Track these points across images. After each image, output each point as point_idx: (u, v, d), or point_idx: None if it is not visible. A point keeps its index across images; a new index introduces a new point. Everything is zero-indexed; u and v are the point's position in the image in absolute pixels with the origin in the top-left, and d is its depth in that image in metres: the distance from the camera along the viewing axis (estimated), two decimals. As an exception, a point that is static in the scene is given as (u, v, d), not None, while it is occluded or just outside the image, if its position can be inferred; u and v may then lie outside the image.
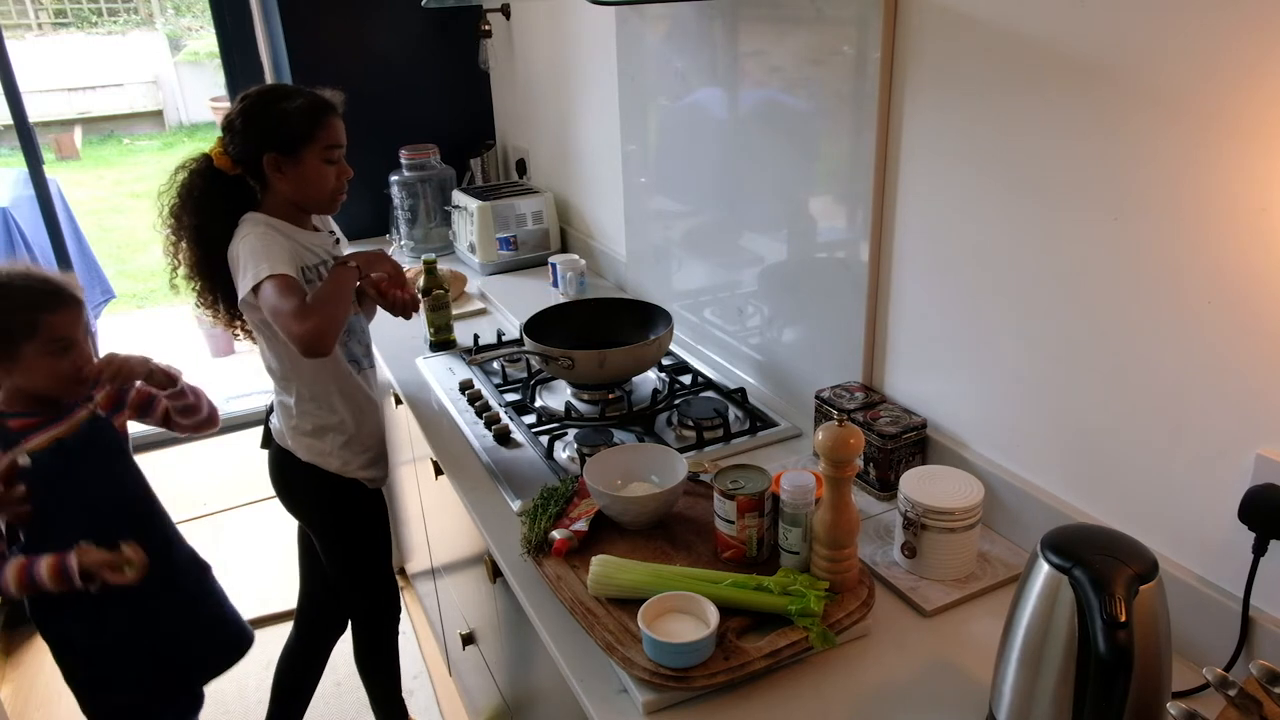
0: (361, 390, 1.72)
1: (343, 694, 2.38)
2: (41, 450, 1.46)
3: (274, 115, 1.53)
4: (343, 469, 1.72)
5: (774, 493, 1.16)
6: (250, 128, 1.53)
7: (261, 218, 1.56)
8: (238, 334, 1.73)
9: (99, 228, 7.45)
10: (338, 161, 1.58)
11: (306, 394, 1.66)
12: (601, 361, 1.61)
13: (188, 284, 1.65)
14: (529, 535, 1.26)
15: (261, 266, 1.45)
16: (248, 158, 1.55)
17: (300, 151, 1.53)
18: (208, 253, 1.59)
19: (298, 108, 1.53)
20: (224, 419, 3.95)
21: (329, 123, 1.55)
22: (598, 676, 1.07)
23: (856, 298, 1.46)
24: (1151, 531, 1.07)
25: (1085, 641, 0.80)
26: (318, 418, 1.67)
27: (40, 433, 1.48)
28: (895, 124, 1.32)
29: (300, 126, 1.52)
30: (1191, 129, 0.94)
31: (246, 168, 1.57)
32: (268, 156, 1.53)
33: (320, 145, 1.54)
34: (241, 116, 1.54)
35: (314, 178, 1.56)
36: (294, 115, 1.52)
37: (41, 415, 1.49)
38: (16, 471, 1.42)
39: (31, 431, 1.47)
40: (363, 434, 1.74)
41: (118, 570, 1.45)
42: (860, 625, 1.09)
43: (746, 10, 1.59)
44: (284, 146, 1.53)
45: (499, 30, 2.78)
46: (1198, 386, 1.00)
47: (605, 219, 2.41)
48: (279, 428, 1.72)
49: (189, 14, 11.32)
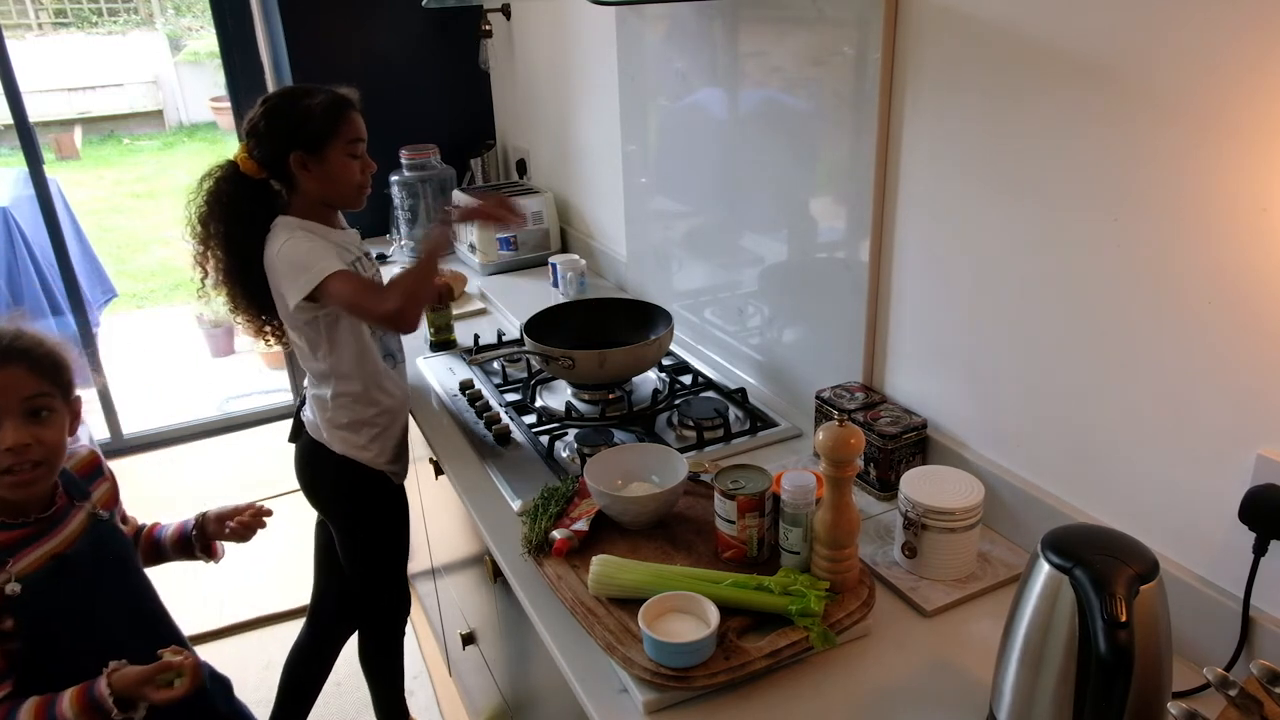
0: (395, 383, 1.74)
1: (343, 694, 2.38)
2: (36, 571, 1.16)
3: (297, 113, 1.55)
4: (374, 461, 1.73)
5: (774, 493, 1.16)
6: (275, 128, 1.55)
7: (295, 221, 1.58)
8: (269, 340, 1.75)
9: (99, 228, 7.44)
10: (361, 156, 1.60)
11: (345, 389, 1.67)
12: (601, 361, 1.61)
13: (216, 292, 1.66)
14: (529, 535, 1.26)
15: (315, 270, 1.48)
16: (274, 159, 1.57)
17: (325, 148, 1.55)
18: (238, 259, 1.61)
19: (319, 104, 1.55)
20: (224, 419, 3.97)
21: (350, 117, 1.58)
22: (598, 676, 1.07)
23: (856, 298, 1.46)
24: (1151, 531, 1.07)
25: (1086, 641, 0.80)
26: (354, 411, 1.68)
27: (31, 548, 1.16)
28: (895, 124, 1.32)
29: (323, 123, 1.54)
30: (1191, 129, 0.94)
31: (273, 170, 1.59)
32: (294, 155, 1.54)
33: (344, 140, 1.56)
34: (266, 118, 1.56)
35: (340, 173, 1.58)
36: (317, 112, 1.54)
37: (31, 525, 1.17)
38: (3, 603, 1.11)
39: (19, 547, 1.15)
40: (394, 428, 1.75)
41: (165, 686, 1.15)
42: (860, 625, 1.09)
43: (746, 10, 1.59)
44: (309, 144, 1.54)
45: (499, 30, 2.78)
46: (1198, 386, 1.00)
47: (605, 219, 2.41)
48: (313, 420, 1.73)
49: (189, 14, 11.32)
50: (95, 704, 1.12)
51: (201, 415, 3.82)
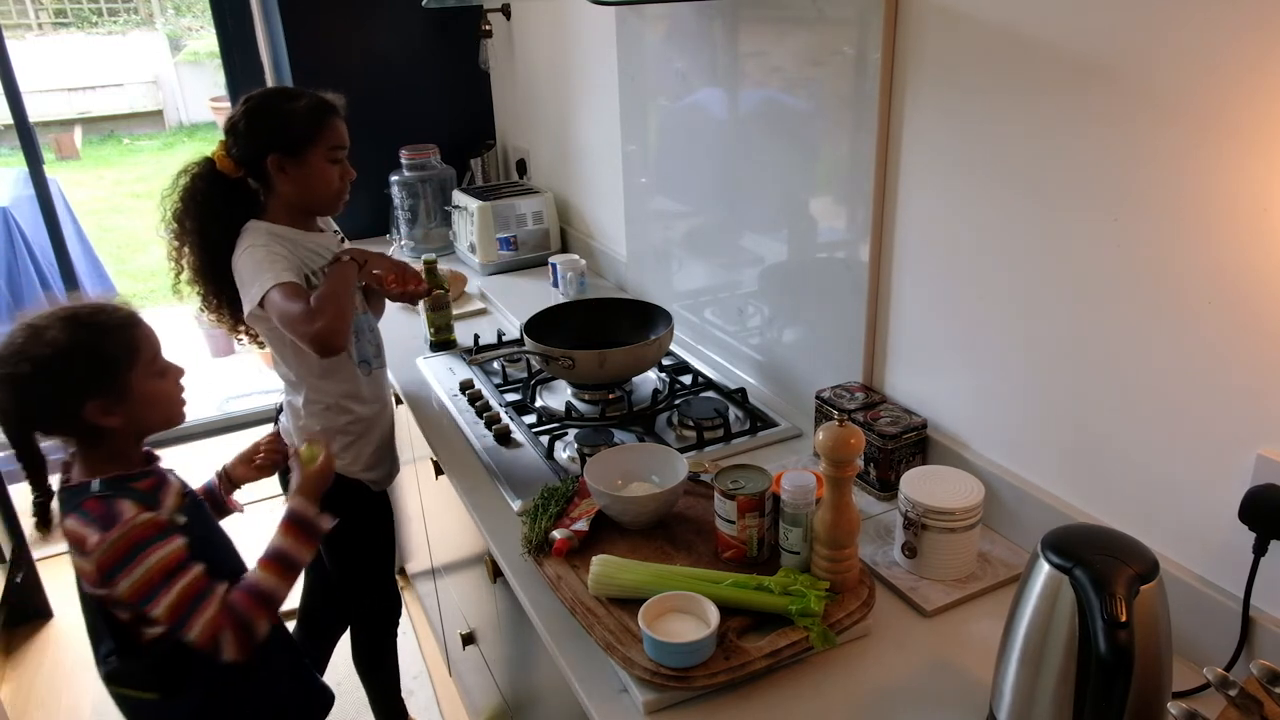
0: (371, 391, 1.72)
1: (342, 694, 2.37)
2: (180, 509, 1.29)
3: (279, 115, 1.53)
4: (348, 470, 1.71)
5: (774, 493, 1.16)
6: (255, 128, 1.53)
7: (263, 226, 1.56)
8: (241, 338, 1.72)
9: (99, 228, 7.43)
10: (341, 162, 1.58)
11: (316, 396, 1.66)
12: (601, 361, 1.61)
13: (190, 288, 1.64)
14: (529, 535, 1.26)
15: (265, 278, 1.46)
16: (251, 159, 1.54)
17: (304, 152, 1.53)
18: (212, 257, 1.58)
19: (302, 108, 1.53)
20: (224, 419, 3.96)
21: (332, 123, 1.56)
22: (598, 676, 1.07)
23: (856, 298, 1.46)
24: (1151, 531, 1.07)
25: (1086, 641, 0.80)
26: (327, 419, 1.67)
27: (164, 492, 1.29)
28: (895, 124, 1.32)
29: (304, 127, 1.52)
30: (1191, 129, 0.94)
31: (250, 170, 1.56)
32: (272, 157, 1.52)
33: (324, 145, 1.54)
34: (246, 117, 1.54)
35: (318, 178, 1.56)
36: (298, 115, 1.52)
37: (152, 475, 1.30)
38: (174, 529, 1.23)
39: (156, 491, 1.27)
40: (371, 436, 1.73)
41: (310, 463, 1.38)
42: (860, 625, 1.09)
43: (746, 10, 1.59)
44: (288, 147, 1.53)
45: (499, 30, 2.79)
46: (1198, 386, 1.00)
47: (605, 219, 2.41)
48: (287, 427, 1.72)
49: (189, 14, 11.32)
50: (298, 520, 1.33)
51: (201, 415, 3.82)
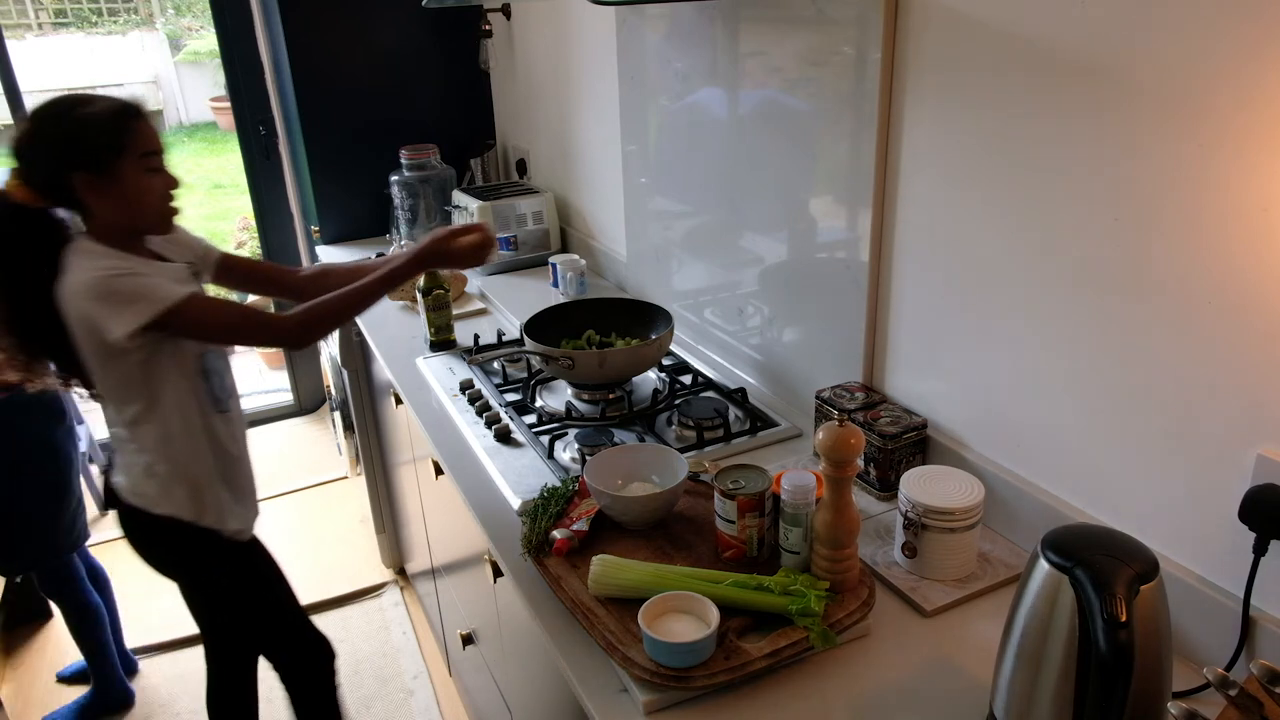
0: (223, 433, 1.58)
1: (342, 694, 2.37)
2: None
3: (71, 127, 1.33)
4: (201, 519, 1.57)
5: (774, 493, 1.16)
6: (46, 147, 1.34)
7: (99, 248, 1.38)
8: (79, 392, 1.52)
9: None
10: (160, 170, 1.40)
11: (163, 437, 1.50)
12: (601, 361, 1.61)
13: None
14: (529, 535, 1.26)
15: (154, 298, 1.33)
16: (52, 183, 1.35)
17: (114, 165, 1.34)
18: (22, 305, 1.39)
19: (97, 115, 1.34)
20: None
21: (138, 128, 1.37)
22: (598, 676, 1.07)
23: (856, 298, 1.46)
24: (1151, 531, 1.07)
25: (1086, 641, 0.80)
26: (176, 465, 1.52)
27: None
28: (896, 124, 1.32)
29: (106, 136, 1.34)
30: (1192, 128, 0.94)
31: (54, 196, 1.37)
32: (78, 177, 1.33)
33: (135, 154, 1.35)
34: (31, 137, 1.35)
35: (138, 193, 1.37)
36: (95, 124, 1.34)
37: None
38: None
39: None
40: (223, 480, 1.59)
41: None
42: (860, 625, 1.09)
43: (747, 10, 1.59)
44: (93, 163, 1.33)
45: (499, 30, 2.79)
46: (1198, 386, 1.00)
47: (605, 219, 2.41)
48: (124, 483, 1.55)
49: (189, 14, 11.31)
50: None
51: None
